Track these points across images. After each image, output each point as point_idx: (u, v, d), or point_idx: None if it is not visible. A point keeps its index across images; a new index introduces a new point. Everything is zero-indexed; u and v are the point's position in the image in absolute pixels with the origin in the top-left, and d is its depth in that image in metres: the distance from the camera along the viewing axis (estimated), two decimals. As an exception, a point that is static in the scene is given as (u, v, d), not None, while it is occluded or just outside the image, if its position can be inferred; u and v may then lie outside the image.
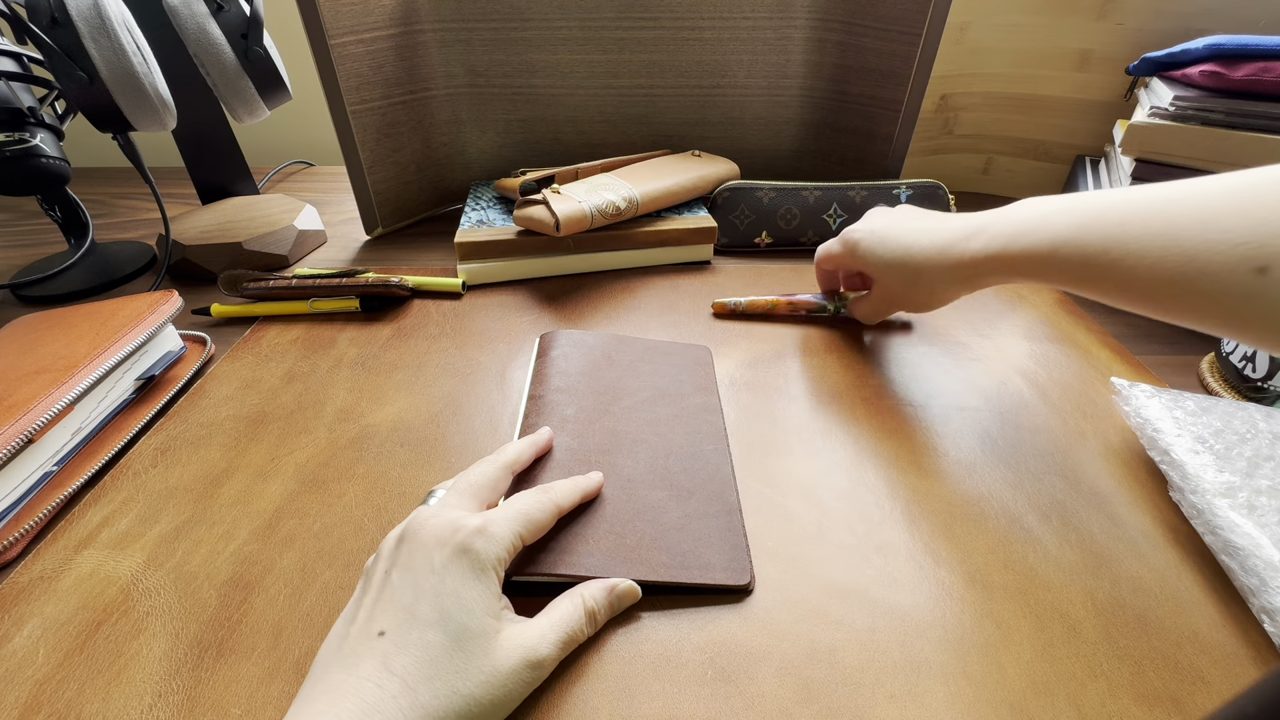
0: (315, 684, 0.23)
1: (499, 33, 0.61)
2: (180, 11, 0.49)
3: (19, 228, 0.70)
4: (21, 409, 0.34)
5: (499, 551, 0.26)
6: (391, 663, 0.22)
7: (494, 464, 0.31)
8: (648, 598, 0.29)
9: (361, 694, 0.21)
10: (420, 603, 0.24)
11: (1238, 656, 0.27)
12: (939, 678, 0.26)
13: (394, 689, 0.22)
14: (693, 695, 0.26)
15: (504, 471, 0.31)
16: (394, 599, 0.24)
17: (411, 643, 0.23)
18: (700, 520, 0.32)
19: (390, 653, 0.22)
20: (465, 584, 0.24)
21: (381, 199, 0.63)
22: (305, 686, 0.23)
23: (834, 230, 0.61)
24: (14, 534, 0.32)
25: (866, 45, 0.62)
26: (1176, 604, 0.29)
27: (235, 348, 0.47)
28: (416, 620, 0.23)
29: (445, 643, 0.23)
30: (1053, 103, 0.69)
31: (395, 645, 0.23)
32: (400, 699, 0.21)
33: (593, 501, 0.32)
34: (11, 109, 0.46)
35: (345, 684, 0.22)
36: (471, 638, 0.23)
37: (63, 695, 0.26)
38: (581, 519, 0.31)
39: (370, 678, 0.22)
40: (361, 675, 0.22)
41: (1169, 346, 0.49)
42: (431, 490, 0.32)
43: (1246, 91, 0.46)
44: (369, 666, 0.22)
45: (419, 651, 0.23)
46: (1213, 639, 0.28)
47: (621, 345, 0.44)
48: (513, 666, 0.24)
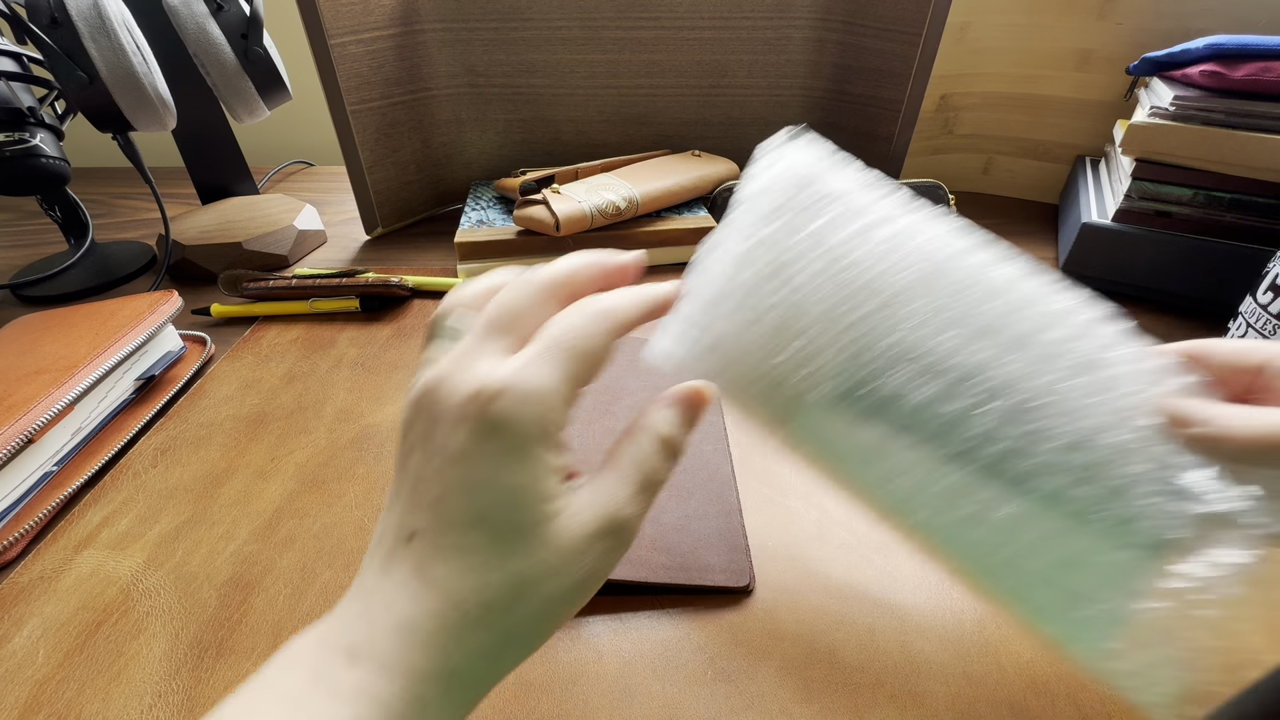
0: (358, 583, 0.19)
1: (499, 33, 0.61)
2: (180, 11, 0.49)
3: (19, 228, 0.70)
4: (21, 409, 0.34)
5: (541, 412, 0.19)
6: (427, 572, 0.18)
7: (533, 283, 0.20)
8: (648, 598, 0.29)
9: (395, 609, 0.18)
10: (449, 498, 0.19)
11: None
12: (939, 678, 0.26)
13: (433, 604, 0.18)
14: (693, 695, 0.26)
15: (547, 296, 0.21)
16: (421, 493, 0.19)
17: (448, 546, 0.18)
18: (700, 521, 0.32)
19: (425, 561, 0.18)
20: (499, 471, 0.18)
21: (381, 199, 0.63)
22: (354, 584, 0.19)
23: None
24: (14, 534, 0.32)
25: (866, 45, 0.62)
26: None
27: (235, 348, 0.47)
28: (449, 521, 0.18)
29: (489, 543, 0.18)
30: (1053, 103, 0.69)
31: (431, 550, 0.18)
32: (446, 615, 0.18)
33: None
34: (11, 109, 0.46)
35: (380, 592, 0.19)
36: (520, 533, 0.19)
37: (63, 695, 0.26)
38: None
39: (405, 588, 0.18)
40: (396, 583, 0.18)
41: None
42: (444, 315, 0.21)
43: (1246, 91, 0.46)
44: (402, 574, 0.18)
45: (459, 558, 0.18)
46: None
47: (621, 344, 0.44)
48: (584, 544, 0.19)
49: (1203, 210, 0.50)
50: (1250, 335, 0.41)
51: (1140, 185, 0.51)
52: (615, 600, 0.29)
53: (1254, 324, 0.41)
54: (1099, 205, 0.56)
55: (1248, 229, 0.49)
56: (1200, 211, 0.50)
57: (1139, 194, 0.51)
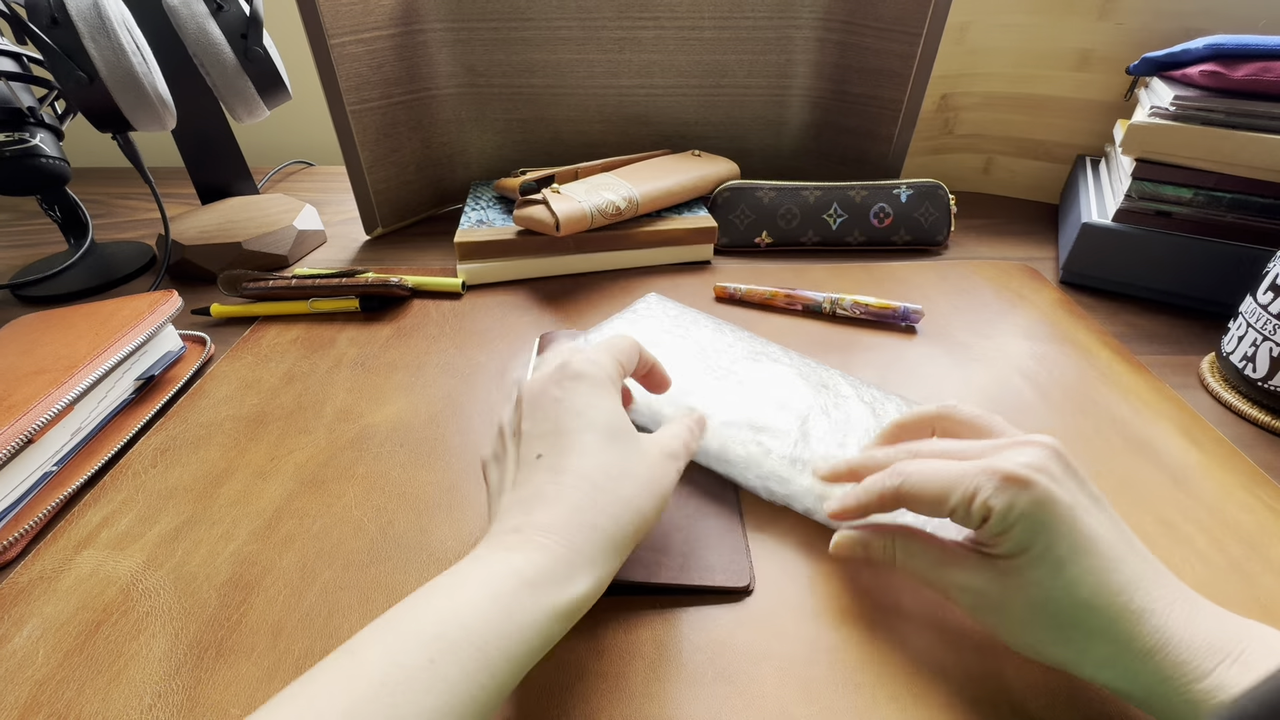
0: (495, 524, 0.24)
1: (499, 33, 0.61)
2: (180, 11, 0.49)
3: (19, 228, 0.70)
4: (21, 409, 0.34)
5: (607, 369, 0.28)
6: (559, 467, 0.24)
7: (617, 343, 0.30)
8: (648, 598, 0.29)
9: (542, 494, 0.24)
10: (562, 422, 0.26)
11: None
12: (939, 678, 0.26)
13: (570, 481, 0.24)
14: (693, 695, 0.26)
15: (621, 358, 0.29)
16: (537, 433, 0.26)
17: (569, 448, 0.25)
18: (699, 521, 0.32)
19: (555, 462, 0.25)
20: (590, 399, 0.26)
21: (381, 199, 0.63)
22: (490, 530, 0.24)
23: (834, 230, 0.61)
24: (14, 534, 0.32)
25: (866, 45, 0.62)
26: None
27: (235, 348, 0.47)
28: (566, 434, 0.25)
29: (598, 441, 0.25)
30: (1053, 103, 0.69)
31: (557, 454, 0.25)
32: (580, 486, 0.24)
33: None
34: (11, 109, 0.46)
35: (521, 494, 0.24)
36: (619, 434, 0.26)
37: (62, 695, 0.26)
38: None
39: (546, 483, 0.24)
40: (537, 483, 0.24)
41: (1169, 346, 0.49)
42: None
43: (1246, 91, 0.46)
44: (540, 478, 0.24)
45: (580, 451, 0.25)
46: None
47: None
48: (658, 459, 0.27)
49: (1203, 210, 0.50)
50: (1250, 335, 0.41)
51: (1140, 185, 0.51)
52: (615, 600, 0.29)
53: (1254, 324, 0.41)
54: (1099, 205, 0.56)
55: (1248, 229, 0.49)
56: (1200, 211, 0.50)
57: (1139, 194, 0.51)
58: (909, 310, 0.49)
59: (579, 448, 0.25)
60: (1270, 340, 0.39)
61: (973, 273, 0.58)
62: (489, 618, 0.20)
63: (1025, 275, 0.58)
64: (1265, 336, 0.40)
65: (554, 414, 0.26)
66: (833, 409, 0.37)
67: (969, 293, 0.55)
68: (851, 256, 0.61)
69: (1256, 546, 0.32)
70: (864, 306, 0.50)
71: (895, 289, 0.55)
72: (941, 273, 0.58)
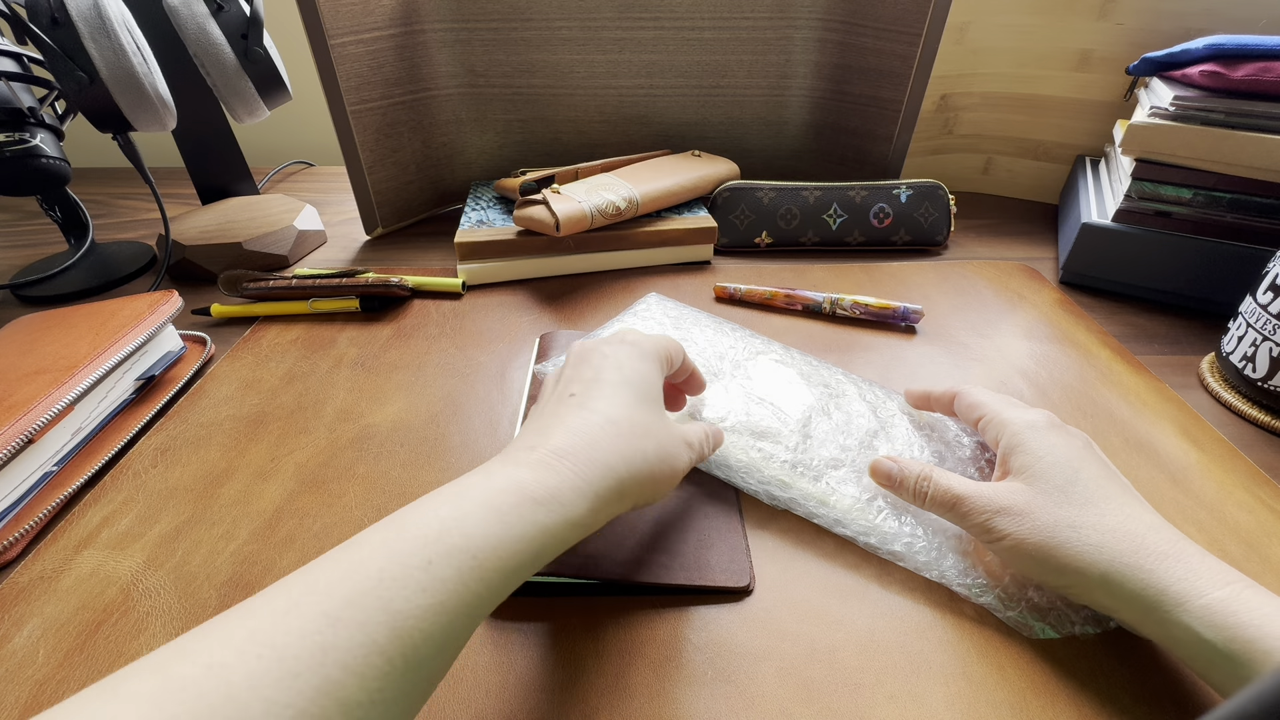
0: (515, 440, 0.25)
1: (499, 33, 0.61)
2: (180, 11, 0.49)
3: (19, 228, 0.70)
4: (21, 409, 0.34)
5: (655, 347, 0.29)
6: (589, 404, 0.25)
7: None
8: (648, 598, 0.29)
9: (567, 422, 0.25)
10: (602, 372, 0.27)
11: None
12: (939, 678, 0.26)
13: (596, 418, 0.25)
14: (693, 695, 0.26)
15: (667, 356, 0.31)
16: (576, 376, 0.27)
17: (603, 394, 0.26)
18: (700, 521, 0.32)
19: (586, 400, 0.26)
20: (637, 361, 0.28)
21: (381, 199, 0.63)
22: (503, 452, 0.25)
23: (834, 230, 0.61)
24: (14, 534, 0.32)
25: (866, 45, 0.62)
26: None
27: (235, 348, 0.47)
28: (602, 382, 0.27)
29: (634, 396, 0.26)
30: (1053, 103, 0.69)
31: (590, 394, 0.26)
32: (605, 426, 0.24)
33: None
34: (11, 109, 0.46)
35: (544, 420, 0.25)
36: (652, 399, 0.27)
37: (63, 696, 0.26)
38: None
39: (572, 414, 0.25)
40: (565, 411, 0.25)
41: (1170, 346, 0.49)
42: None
43: (1246, 91, 0.46)
44: (567, 408, 0.25)
45: (612, 397, 0.26)
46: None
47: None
48: (677, 441, 0.27)
49: (1203, 210, 0.50)
50: (1250, 335, 0.41)
51: (1140, 185, 0.51)
52: (616, 600, 0.29)
53: (1254, 324, 0.41)
54: (1099, 205, 0.56)
55: (1248, 229, 0.49)
56: (1200, 211, 0.50)
57: (1139, 194, 0.51)
58: (909, 310, 0.49)
59: (612, 395, 0.26)
60: (1270, 340, 0.39)
61: (972, 273, 0.58)
62: (488, 528, 0.20)
63: (1025, 275, 0.58)
64: (1265, 336, 0.40)
65: (597, 364, 0.28)
66: (834, 409, 0.37)
67: (969, 293, 0.55)
68: (851, 256, 0.61)
69: (1256, 546, 0.32)
70: (864, 306, 0.50)
71: (895, 289, 0.55)
72: (941, 273, 0.58)
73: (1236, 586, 0.23)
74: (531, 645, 0.27)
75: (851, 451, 0.35)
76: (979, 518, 0.27)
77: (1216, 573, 0.23)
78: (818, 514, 0.32)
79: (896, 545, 0.30)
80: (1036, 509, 0.26)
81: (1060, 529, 0.26)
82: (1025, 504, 0.27)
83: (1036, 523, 0.26)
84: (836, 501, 0.32)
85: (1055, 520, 0.26)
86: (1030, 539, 0.26)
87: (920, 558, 0.30)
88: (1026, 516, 0.26)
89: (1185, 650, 0.23)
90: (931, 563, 0.29)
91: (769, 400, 0.38)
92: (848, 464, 0.34)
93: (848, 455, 0.34)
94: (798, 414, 0.37)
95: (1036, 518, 0.26)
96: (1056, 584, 0.26)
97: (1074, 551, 0.25)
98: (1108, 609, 0.25)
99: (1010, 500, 0.27)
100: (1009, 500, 0.27)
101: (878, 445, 0.35)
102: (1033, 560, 0.26)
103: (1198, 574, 0.23)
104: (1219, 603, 0.22)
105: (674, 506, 0.33)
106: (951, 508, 0.28)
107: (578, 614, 0.29)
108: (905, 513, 0.32)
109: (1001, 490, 0.28)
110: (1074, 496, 0.26)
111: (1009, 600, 0.28)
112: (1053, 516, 0.26)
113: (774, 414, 0.37)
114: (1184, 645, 0.23)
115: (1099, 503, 0.26)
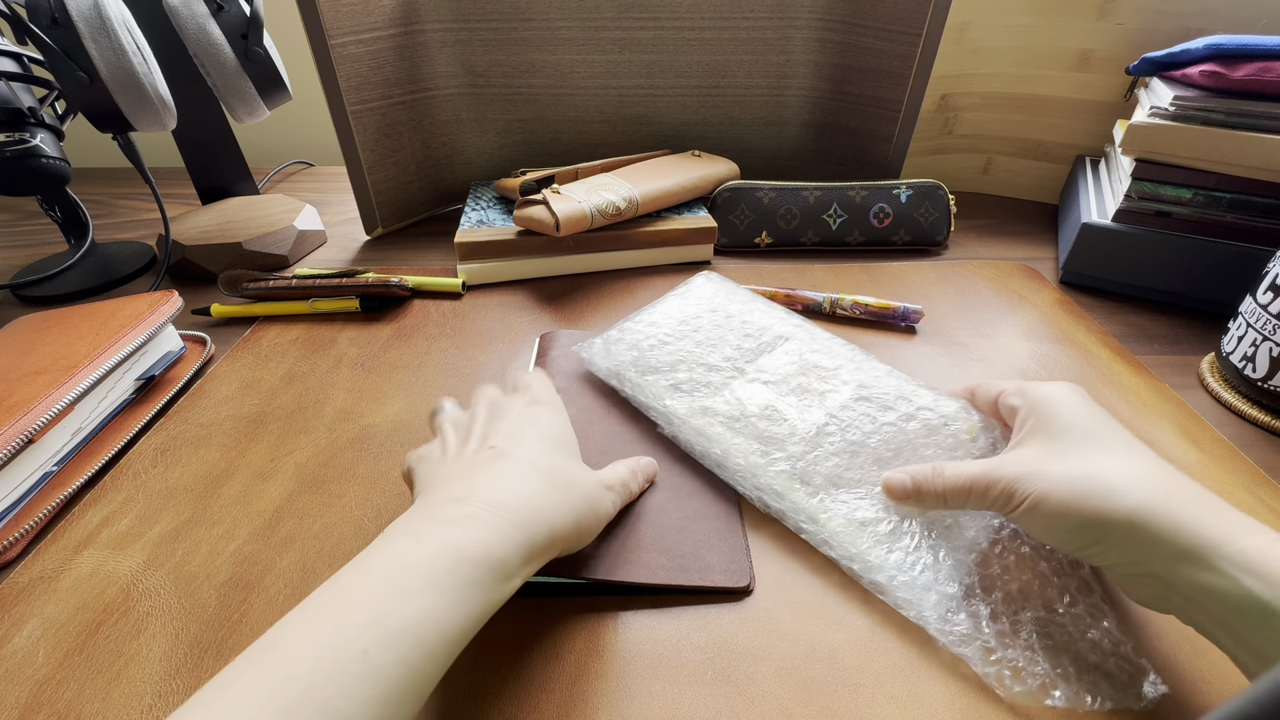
0: (430, 488, 0.25)
1: (499, 33, 0.61)
2: (180, 11, 0.49)
3: (19, 228, 0.70)
4: (21, 409, 0.34)
5: (562, 411, 0.31)
6: (511, 454, 0.26)
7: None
8: (648, 598, 0.29)
9: (491, 472, 0.25)
10: (520, 426, 0.28)
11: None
12: (939, 678, 0.26)
13: (520, 467, 0.25)
14: (693, 695, 0.26)
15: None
16: (491, 431, 0.28)
17: (523, 444, 0.26)
18: (700, 521, 0.32)
19: (508, 450, 0.26)
20: (550, 419, 0.29)
21: (381, 199, 0.63)
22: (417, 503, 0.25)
23: (834, 230, 0.61)
24: (14, 534, 0.32)
25: (866, 45, 0.62)
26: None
27: (235, 348, 0.47)
28: (521, 435, 0.27)
29: (552, 447, 0.27)
30: (1053, 103, 0.69)
31: (511, 446, 0.26)
32: (531, 476, 0.25)
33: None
34: (11, 109, 0.46)
35: (467, 471, 0.25)
36: (570, 449, 0.28)
37: (63, 695, 0.26)
38: None
39: (493, 464, 0.25)
40: (483, 461, 0.25)
41: (1170, 346, 0.49)
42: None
43: (1246, 91, 0.46)
44: (487, 457, 0.26)
45: (535, 447, 0.26)
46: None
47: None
48: (597, 488, 0.28)
49: (1203, 210, 0.50)
50: (1250, 335, 0.41)
51: (1140, 185, 0.51)
52: (615, 600, 0.29)
53: (1254, 324, 0.41)
54: (1099, 205, 0.56)
55: (1248, 229, 0.49)
56: (1200, 211, 0.50)
57: (1139, 194, 0.51)
58: (909, 310, 0.49)
59: (532, 445, 0.27)
60: (1270, 340, 0.39)
61: (972, 273, 0.58)
62: (425, 603, 0.19)
63: (1025, 275, 0.58)
64: (1265, 336, 0.40)
65: (514, 419, 0.28)
66: (851, 427, 0.34)
67: (969, 293, 0.55)
68: (851, 256, 0.61)
69: (1256, 546, 0.32)
70: (864, 306, 0.50)
71: (895, 289, 0.55)
72: (941, 273, 0.58)
73: (1268, 535, 0.22)
74: (531, 645, 0.27)
75: (858, 470, 0.33)
76: (998, 488, 0.27)
77: (1244, 520, 0.23)
78: (806, 529, 0.31)
79: (879, 576, 0.29)
80: (1054, 463, 0.26)
81: (1080, 479, 0.25)
82: (1040, 461, 0.26)
83: (1056, 476, 0.25)
84: (827, 520, 0.31)
85: (1075, 471, 0.25)
86: (1052, 494, 0.25)
87: (900, 594, 0.28)
88: (1044, 474, 0.26)
89: (1220, 605, 0.21)
90: (911, 601, 0.28)
91: (785, 403, 0.36)
92: (849, 483, 0.32)
93: (852, 474, 0.33)
94: (813, 422, 0.35)
95: (1056, 472, 0.25)
96: (1082, 544, 0.25)
97: (1099, 499, 0.24)
98: (1137, 565, 0.24)
99: (1026, 463, 0.27)
100: (1024, 463, 0.27)
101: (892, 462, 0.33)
102: (1057, 519, 0.25)
103: (1229, 519, 0.22)
104: (1254, 549, 0.21)
105: (674, 506, 0.33)
106: (969, 489, 0.28)
107: (577, 614, 0.29)
108: (894, 548, 0.30)
109: (1014, 455, 0.28)
110: (1095, 445, 0.26)
111: (987, 655, 0.26)
112: (1072, 466, 0.25)
113: (786, 417, 0.35)
114: (1219, 598, 0.21)
115: (1120, 450, 0.26)
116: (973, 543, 0.30)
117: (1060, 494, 0.25)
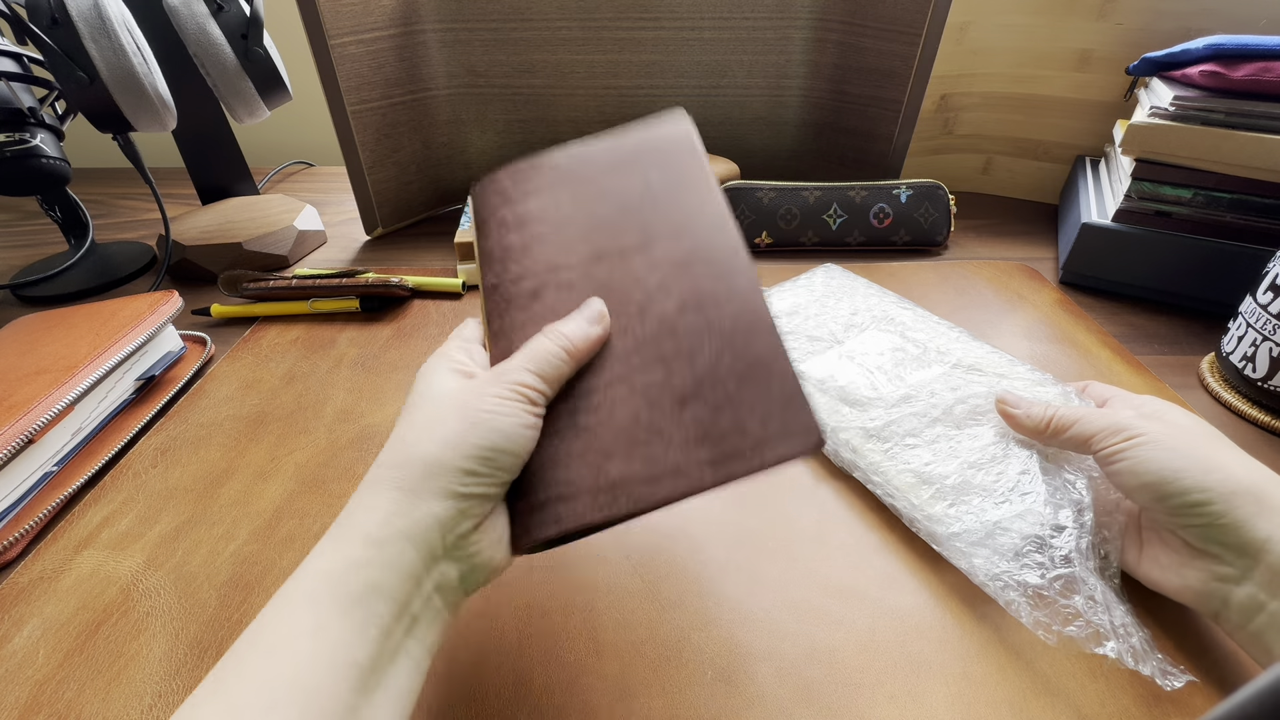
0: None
1: (499, 33, 0.61)
2: (180, 11, 0.49)
3: (19, 228, 0.70)
4: (21, 409, 0.34)
5: (449, 358, 0.25)
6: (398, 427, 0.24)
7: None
8: (648, 598, 0.29)
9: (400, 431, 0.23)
10: (409, 397, 0.25)
11: (1236, 657, 0.27)
12: (939, 678, 0.26)
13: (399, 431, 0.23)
14: (693, 695, 0.26)
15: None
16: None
17: (408, 410, 0.24)
18: (725, 381, 0.23)
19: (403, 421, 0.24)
20: (428, 377, 0.25)
21: (381, 199, 0.63)
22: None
23: (834, 231, 0.61)
24: (14, 534, 0.32)
25: (866, 45, 0.62)
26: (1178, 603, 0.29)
27: (235, 348, 0.47)
28: (408, 405, 0.24)
29: (422, 399, 0.23)
30: (1053, 103, 0.69)
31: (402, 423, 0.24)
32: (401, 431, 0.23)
33: (595, 412, 0.24)
34: (11, 109, 0.46)
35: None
36: (443, 391, 0.23)
37: (63, 695, 0.26)
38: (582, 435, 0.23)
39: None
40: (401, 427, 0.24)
41: (1169, 347, 0.49)
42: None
43: (1246, 91, 0.46)
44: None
45: (401, 424, 0.23)
46: (1213, 638, 0.28)
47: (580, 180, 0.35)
48: (485, 395, 0.23)
49: (1203, 210, 0.50)
50: (1250, 335, 0.41)
51: (1140, 185, 0.51)
52: (615, 600, 0.29)
53: (1254, 324, 0.41)
54: (1099, 205, 0.56)
55: (1248, 229, 0.49)
56: (1200, 211, 0.50)
57: (1139, 194, 0.51)
58: (909, 310, 0.49)
59: (409, 406, 0.24)
60: (1270, 340, 0.39)
61: (973, 273, 0.58)
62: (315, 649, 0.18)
63: (1025, 275, 0.58)
64: (1265, 336, 0.40)
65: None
66: (940, 394, 0.37)
67: (969, 293, 0.55)
68: (851, 257, 0.61)
69: (1256, 546, 0.32)
70: (864, 306, 0.50)
71: (895, 289, 0.55)
72: (941, 273, 0.58)
73: None
74: (531, 645, 0.27)
75: (931, 432, 0.35)
76: (1111, 421, 0.28)
77: None
78: (873, 480, 0.34)
79: (937, 528, 0.30)
80: (1166, 428, 0.28)
81: (1197, 445, 0.27)
82: (1151, 421, 0.28)
83: (1172, 430, 0.27)
84: (894, 475, 0.33)
85: (1189, 440, 0.27)
86: (1169, 440, 0.27)
87: (957, 543, 0.30)
88: (1154, 431, 0.27)
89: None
90: (962, 552, 0.29)
91: (876, 372, 0.39)
92: (925, 442, 0.34)
93: (925, 436, 0.35)
94: (898, 393, 0.37)
95: (1170, 430, 0.27)
96: (1181, 504, 0.26)
97: (1220, 459, 0.26)
98: (1227, 534, 0.25)
99: (1139, 417, 0.29)
100: (1138, 418, 0.29)
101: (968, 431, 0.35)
102: (1167, 470, 0.26)
103: None
104: None
105: (680, 367, 0.24)
106: (1076, 421, 0.30)
107: (578, 614, 0.29)
108: (958, 503, 0.31)
109: (1129, 412, 0.30)
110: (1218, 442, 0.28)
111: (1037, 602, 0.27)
112: (1186, 436, 0.27)
113: (871, 386, 0.38)
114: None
115: (1227, 450, 0.27)
116: (1044, 501, 0.31)
117: (1178, 443, 0.27)
